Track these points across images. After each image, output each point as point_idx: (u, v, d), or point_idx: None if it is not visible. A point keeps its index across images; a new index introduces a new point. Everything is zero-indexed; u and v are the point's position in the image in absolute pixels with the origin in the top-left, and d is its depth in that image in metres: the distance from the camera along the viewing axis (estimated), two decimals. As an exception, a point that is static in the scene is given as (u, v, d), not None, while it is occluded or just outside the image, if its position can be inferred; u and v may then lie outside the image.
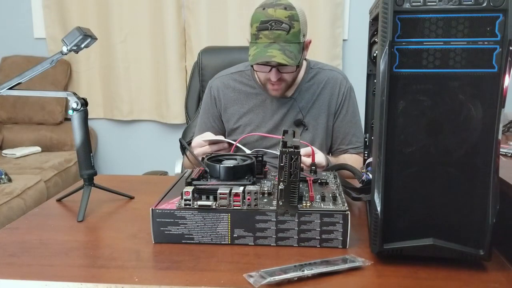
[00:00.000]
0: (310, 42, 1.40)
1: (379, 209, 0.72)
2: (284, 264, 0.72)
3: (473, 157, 0.70)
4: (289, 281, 0.69)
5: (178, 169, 1.80)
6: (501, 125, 0.68)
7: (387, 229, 0.73)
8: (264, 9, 1.28)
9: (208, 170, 0.93)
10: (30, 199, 2.22)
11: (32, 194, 2.25)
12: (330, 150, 1.52)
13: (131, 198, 1.09)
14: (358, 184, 1.04)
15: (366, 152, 1.09)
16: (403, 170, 0.72)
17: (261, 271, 0.69)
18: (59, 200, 1.09)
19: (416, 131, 0.70)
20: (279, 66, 1.30)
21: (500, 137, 0.68)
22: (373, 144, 0.78)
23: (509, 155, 1.19)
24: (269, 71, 1.32)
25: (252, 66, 1.34)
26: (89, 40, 0.97)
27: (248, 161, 0.96)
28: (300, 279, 0.69)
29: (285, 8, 1.27)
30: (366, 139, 1.08)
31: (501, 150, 0.89)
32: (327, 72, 1.51)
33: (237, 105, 1.49)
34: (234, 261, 0.77)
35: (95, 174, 1.04)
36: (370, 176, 0.90)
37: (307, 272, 0.70)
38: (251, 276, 0.69)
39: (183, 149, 1.59)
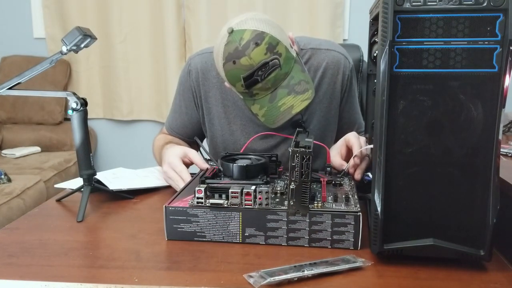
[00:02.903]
0: (293, 40, 1.13)
1: (379, 209, 0.71)
2: (285, 264, 0.72)
3: (474, 157, 0.70)
4: (289, 281, 0.68)
5: None
6: (501, 125, 0.68)
7: (387, 229, 0.72)
8: (234, 62, 1.02)
9: (222, 169, 0.94)
10: (29, 199, 2.22)
11: (31, 194, 2.25)
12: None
13: (131, 198, 1.09)
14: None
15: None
16: (403, 170, 0.71)
17: (261, 272, 0.69)
18: (58, 200, 1.09)
19: (416, 131, 0.70)
20: None
21: (500, 137, 0.68)
22: (373, 144, 0.78)
23: (510, 155, 1.19)
24: None
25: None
26: (88, 40, 0.97)
27: (262, 161, 0.96)
28: (300, 280, 0.69)
29: (256, 44, 1.00)
30: (366, 140, 1.08)
31: (501, 150, 0.89)
32: (324, 53, 1.24)
33: (221, 92, 1.25)
34: (234, 261, 0.77)
35: (95, 174, 1.04)
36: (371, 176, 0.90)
37: (307, 272, 0.69)
38: (251, 277, 0.69)
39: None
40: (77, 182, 1.12)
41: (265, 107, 1.06)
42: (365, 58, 1.36)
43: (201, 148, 1.22)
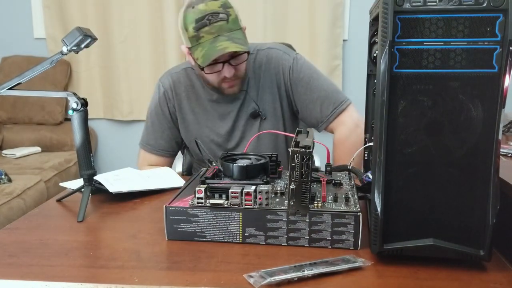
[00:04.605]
0: (245, 28, 1.32)
1: (379, 209, 0.71)
2: (285, 264, 0.72)
3: (473, 157, 0.70)
4: (289, 281, 0.69)
5: (178, 169, 1.80)
6: (501, 125, 0.68)
7: (387, 229, 0.73)
8: (193, 7, 1.22)
9: (222, 169, 0.95)
10: (30, 199, 2.22)
11: (32, 194, 2.25)
12: (316, 127, 1.42)
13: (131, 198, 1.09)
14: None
15: (367, 152, 1.09)
16: (403, 170, 0.72)
17: (261, 272, 0.69)
18: (59, 200, 1.09)
19: (416, 131, 0.70)
20: (231, 60, 1.25)
21: (500, 137, 0.68)
22: (373, 144, 0.78)
23: (509, 155, 1.19)
24: (222, 69, 1.26)
25: (203, 69, 1.27)
26: (89, 40, 0.97)
27: (262, 161, 0.96)
28: (300, 280, 0.69)
29: None
30: (366, 139, 1.08)
31: (501, 150, 0.89)
32: (265, 51, 1.43)
33: (190, 102, 1.42)
34: (234, 261, 0.77)
35: (95, 174, 1.04)
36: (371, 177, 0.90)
37: (307, 272, 0.69)
38: (251, 277, 0.69)
39: (184, 148, 1.60)
40: (82, 183, 1.12)
41: (206, 48, 1.21)
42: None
43: (201, 149, 1.24)
